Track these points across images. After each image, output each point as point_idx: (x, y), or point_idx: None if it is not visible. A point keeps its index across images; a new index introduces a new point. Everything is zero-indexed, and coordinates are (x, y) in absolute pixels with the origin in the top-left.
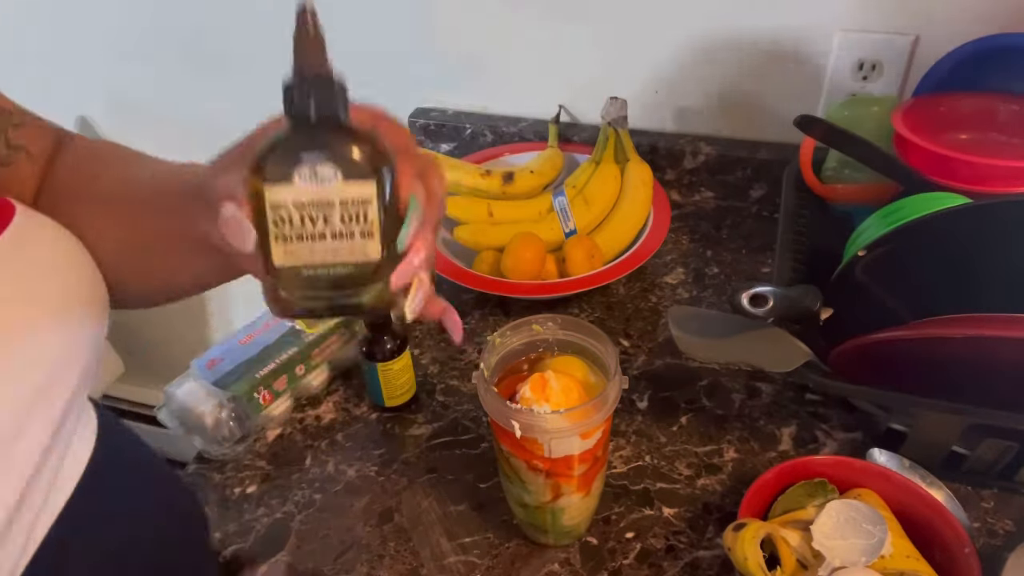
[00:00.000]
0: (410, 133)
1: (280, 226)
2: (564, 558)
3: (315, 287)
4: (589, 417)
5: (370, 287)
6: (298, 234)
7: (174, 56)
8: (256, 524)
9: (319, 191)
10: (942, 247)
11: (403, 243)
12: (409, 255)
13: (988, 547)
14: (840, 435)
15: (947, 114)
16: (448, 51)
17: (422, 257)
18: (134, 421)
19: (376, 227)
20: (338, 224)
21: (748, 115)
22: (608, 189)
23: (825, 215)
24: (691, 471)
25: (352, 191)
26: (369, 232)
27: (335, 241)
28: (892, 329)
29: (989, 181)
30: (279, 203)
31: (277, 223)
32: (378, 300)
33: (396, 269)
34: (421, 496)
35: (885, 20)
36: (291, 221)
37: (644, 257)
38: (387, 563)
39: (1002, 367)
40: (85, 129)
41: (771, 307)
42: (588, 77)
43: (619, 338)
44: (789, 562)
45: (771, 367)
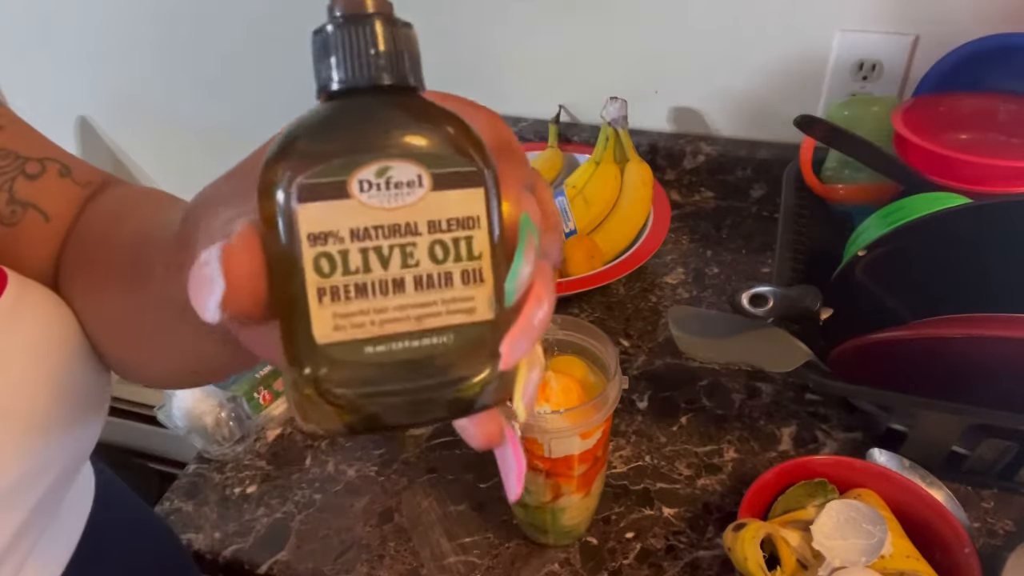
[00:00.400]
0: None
1: (325, 273)
2: (564, 558)
3: (385, 376)
4: (589, 417)
5: (476, 367)
6: (358, 284)
7: (176, 56)
8: (256, 524)
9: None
10: (942, 247)
11: (515, 290)
12: (526, 308)
13: (988, 547)
14: (840, 435)
15: (947, 114)
16: (448, 51)
17: (545, 312)
18: (134, 421)
19: (488, 265)
20: (427, 263)
21: (748, 115)
22: (608, 189)
23: (825, 215)
24: (691, 471)
25: (449, 205)
26: (475, 273)
27: (420, 292)
28: (892, 329)
29: (989, 181)
30: (326, 231)
31: (321, 267)
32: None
33: (510, 332)
34: (421, 496)
35: (885, 20)
36: (346, 263)
37: (644, 257)
38: (387, 563)
39: (1002, 367)
40: (85, 129)
41: (771, 307)
42: (588, 77)
43: (619, 338)
44: (789, 562)
45: (771, 367)
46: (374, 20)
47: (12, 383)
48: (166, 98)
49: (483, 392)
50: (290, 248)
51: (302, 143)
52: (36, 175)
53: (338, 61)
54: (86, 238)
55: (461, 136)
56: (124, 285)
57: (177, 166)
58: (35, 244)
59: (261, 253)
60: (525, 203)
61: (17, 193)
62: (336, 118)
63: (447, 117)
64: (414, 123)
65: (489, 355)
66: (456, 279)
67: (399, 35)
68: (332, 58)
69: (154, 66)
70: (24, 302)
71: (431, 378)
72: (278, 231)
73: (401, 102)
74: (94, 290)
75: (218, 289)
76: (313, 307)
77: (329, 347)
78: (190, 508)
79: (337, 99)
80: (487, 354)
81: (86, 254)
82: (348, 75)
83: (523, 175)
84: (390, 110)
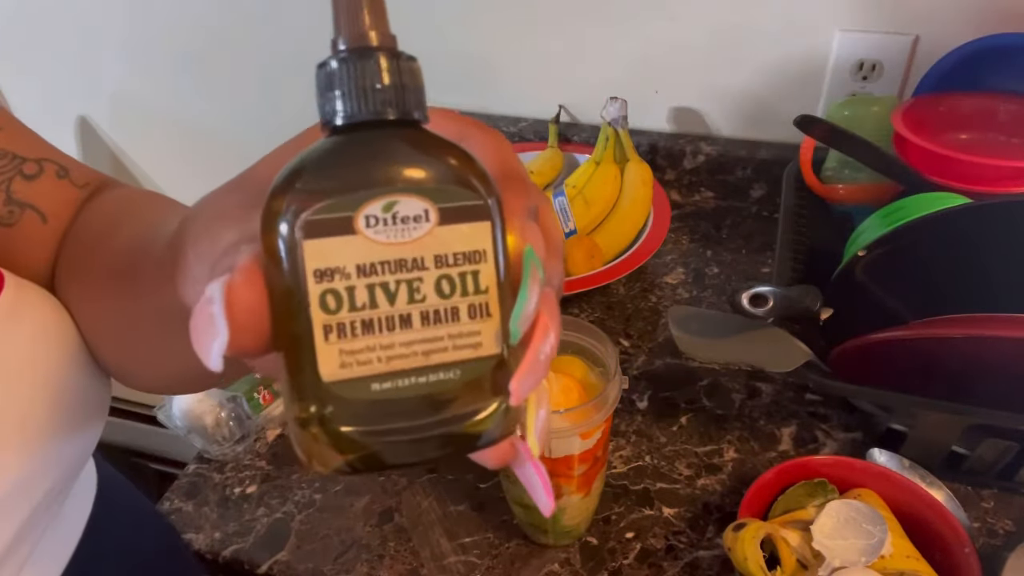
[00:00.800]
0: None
1: (332, 309)
2: (564, 558)
3: (393, 413)
4: (589, 417)
5: (483, 402)
6: (365, 320)
7: (175, 56)
8: (256, 524)
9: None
10: (942, 247)
11: (520, 324)
12: (533, 343)
13: (988, 547)
14: (840, 435)
15: (947, 114)
16: (448, 51)
17: (552, 344)
18: (134, 421)
19: (495, 299)
20: (433, 298)
21: (748, 115)
22: (608, 189)
23: (825, 215)
24: (691, 471)
25: (455, 239)
26: (482, 308)
27: (427, 327)
28: (892, 329)
29: (989, 181)
30: (332, 268)
31: (327, 304)
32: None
33: (519, 368)
34: (421, 496)
35: (885, 20)
36: (352, 300)
37: (644, 257)
38: (387, 563)
39: (1002, 367)
40: (85, 129)
41: (771, 307)
42: (588, 77)
43: (619, 338)
44: (789, 562)
45: (771, 367)
46: (378, 55)
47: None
48: (166, 98)
49: (490, 427)
50: (295, 284)
51: (307, 177)
52: (34, 176)
53: (343, 95)
54: (83, 241)
55: (466, 169)
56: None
57: (177, 166)
58: (32, 245)
59: (264, 289)
60: (529, 234)
61: (15, 194)
62: (342, 152)
63: (452, 150)
64: (420, 157)
65: (495, 390)
66: (463, 313)
67: (403, 68)
68: (337, 92)
69: (154, 66)
70: (22, 304)
71: (438, 414)
72: (282, 266)
73: (406, 136)
74: (90, 295)
75: (221, 335)
76: (319, 344)
77: (335, 385)
78: (190, 508)
79: (342, 133)
80: (494, 389)
81: (83, 258)
82: (353, 109)
83: (527, 203)
84: (395, 144)
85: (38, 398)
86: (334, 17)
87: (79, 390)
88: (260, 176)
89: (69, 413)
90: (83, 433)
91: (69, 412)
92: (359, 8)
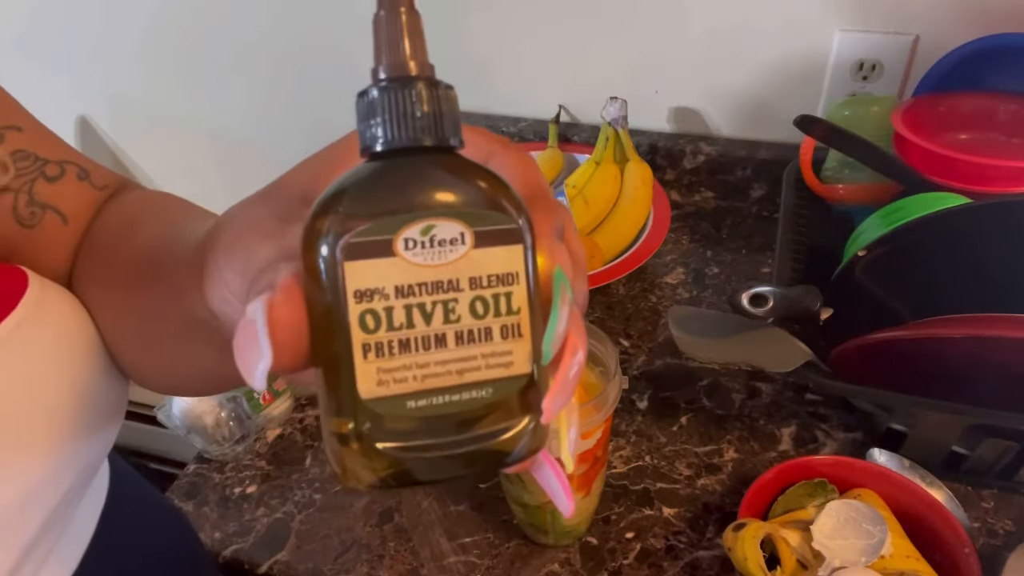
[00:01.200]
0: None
1: (370, 329)
2: (564, 558)
3: (428, 430)
4: (589, 417)
5: (514, 420)
6: (402, 340)
7: (175, 56)
8: (256, 524)
9: (438, 266)
10: (942, 247)
11: (552, 345)
12: (564, 363)
13: (988, 547)
14: (840, 435)
15: (947, 114)
16: (448, 51)
17: (580, 361)
18: (134, 421)
19: (526, 319)
20: (468, 318)
21: (748, 115)
22: (608, 189)
23: (825, 215)
24: (691, 471)
25: (489, 262)
26: (514, 328)
27: (461, 347)
28: (892, 329)
29: (989, 181)
30: (372, 288)
31: (367, 324)
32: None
33: (551, 387)
34: (421, 496)
35: (885, 20)
36: (390, 320)
37: (644, 257)
38: (387, 563)
39: (1002, 367)
40: (85, 129)
41: (771, 307)
42: (588, 77)
43: (619, 338)
44: (789, 562)
45: (771, 367)
46: (417, 83)
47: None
48: (166, 98)
49: (520, 444)
50: (335, 304)
51: (348, 201)
52: (56, 177)
53: (383, 122)
54: (102, 243)
55: (500, 193)
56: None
57: (177, 166)
58: (53, 246)
59: (304, 308)
60: (558, 255)
61: (37, 195)
62: (381, 177)
63: (486, 175)
64: (456, 182)
65: (525, 408)
66: (496, 334)
67: (441, 97)
68: (377, 119)
69: (154, 66)
70: (45, 303)
71: (470, 431)
72: (323, 285)
73: (443, 162)
74: (109, 296)
75: (266, 356)
76: (358, 362)
77: (373, 402)
78: (190, 508)
79: (381, 159)
80: (523, 407)
81: (102, 259)
82: (392, 136)
83: (555, 222)
84: (433, 170)
85: (62, 398)
86: (375, 47)
87: (99, 391)
88: (291, 187)
89: (90, 414)
90: (102, 433)
91: (90, 413)
92: (399, 39)
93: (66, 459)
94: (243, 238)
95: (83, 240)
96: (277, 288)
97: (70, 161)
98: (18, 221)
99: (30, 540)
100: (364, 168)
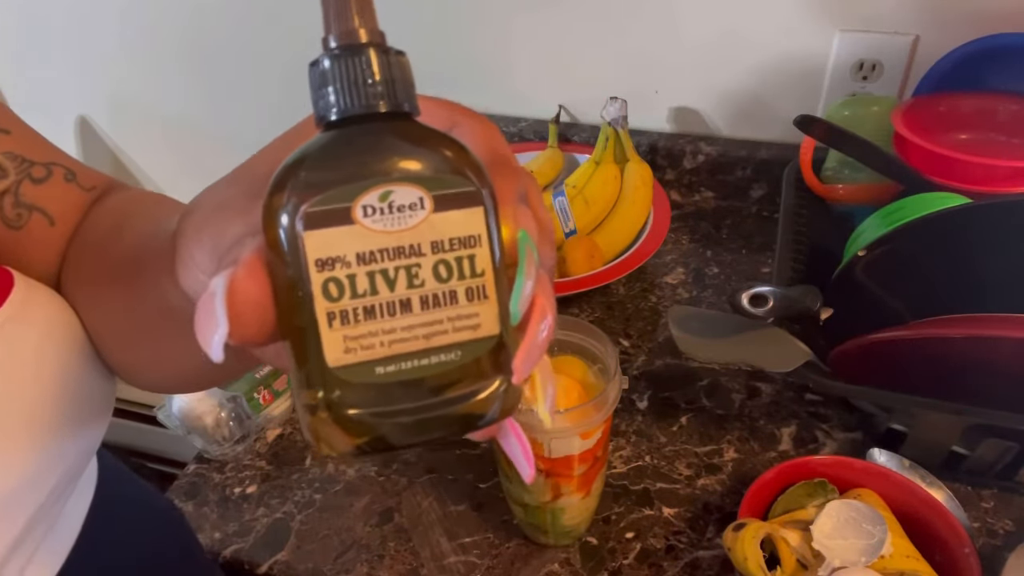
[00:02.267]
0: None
1: (334, 297)
2: (564, 558)
3: (398, 396)
4: (589, 417)
5: (484, 382)
6: (367, 307)
7: (175, 56)
8: (256, 524)
9: (399, 231)
10: (942, 247)
11: (519, 305)
12: (532, 324)
13: (988, 547)
14: (840, 435)
15: (947, 114)
16: (448, 52)
17: (549, 323)
18: (134, 421)
19: (490, 282)
20: (432, 282)
21: (748, 115)
22: (608, 189)
23: (825, 215)
24: (691, 471)
25: (450, 225)
26: (479, 290)
27: (427, 311)
28: (892, 329)
29: (989, 181)
30: (333, 257)
31: (330, 292)
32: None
33: (520, 348)
34: (421, 496)
35: (885, 20)
36: (354, 287)
37: (644, 257)
38: (387, 563)
39: (1002, 367)
40: (85, 129)
41: (771, 307)
42: (588, 77)
43: (619, 338)
44: (789, 562)
45: (771, 367)
46: (368, 50)
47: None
48: (166, 98)
49: (491, 406)
50: (298, 274)
51: (305, 172)
52: (42, 179)
53: (336, 91)
54: (89, 244)
55: (458, 157)
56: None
57: (177, 166)
58: (40, 247)
59: (267, 281)
60: (522, 218)
61: (23, 196)
62: (337, 146)
63: (443, 140)
64: (412, 148)
65: (497, 370)
66: (461, 296)
67: (393, 63)
68: (330, 88)
69: (154, 66)
70: (31, 304)
71: (441, 394)
72: (284, 258)
73: (398, 128)
74: (97, 297)
75: (222, 327)
76: (324, 331)
77: (341, 370)
78: (190, 508)
79: (336, 128)
80: (495, 369)
81: (89, 261)
82: (346, 104)
83: (518, 187)
84: (388, 136)
85: (47, 396)
86: (323, 15)
87: (85, 389)
88: (258, 168)
89: (76, 411)
90: (88, 432)
91: (76, 410)
92: (347, 6)
93: (51, 457)
94: (212, 217)
95: (71, 242)
96: (240, 263)
97: (57, 163)
98: (4, 222)
99: (15, 538)
100: (320, 138)
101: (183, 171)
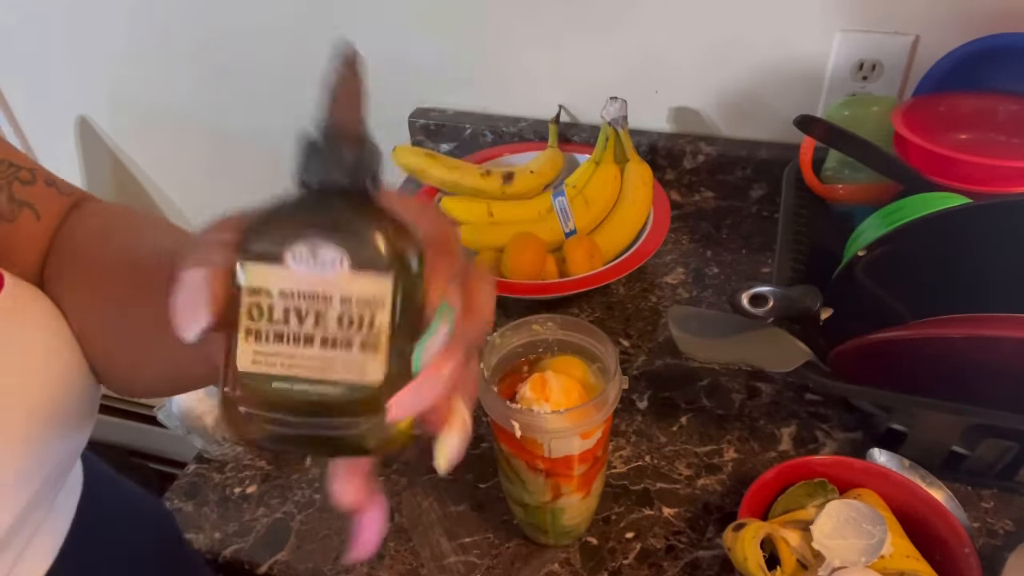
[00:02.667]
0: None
1: (255, 318)
2: (564, 558)
3: (286, 408)
4: (589, 417)
5: (361, 420)
6: (277, 332)
7: (175, 56)
8: (256, 524)
9: (315, 279)
10: (942, 247)
11: (420, 361)
12: (419, 378)
13: (988, 547)
14: (840, 435)
15: (947, 114)
16: (448, 52)
17: (442, 381)
18: (134, 421)
19: (383, 340)
20: (333, 327)
21: (748, 115)
22: (608, 189)
23: (825, 215)
24: (691, 471)
25: (359, 286)
26: (372, 344)
27: (325, 349)
28: (892, 329)
29: (989, 181)
30: (259, 287)
31: (252, 314)
32: (370, 439)
33: (400, 392)
34: (421, 496)
35: (885, 20)
36: (270, 314)
37: (644, 257)
38: (387, 563)
39: (1002, 367)
40: (85, 129)
41: (771, 307)
42: (588, 77)
43: (619, 338)
44: (789, 562)
45: (771, 367)
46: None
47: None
48: (166, 98)
49: (364, 440)
50: (237, 292)
51: (266, 218)
52: (29, 181)
53: (312, 163)
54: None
55: (387, 234)
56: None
57: (177, 166)
58: (27, 242)
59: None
60: (449, 294)
61: (15, 193)
62: (297, 204)
63: (383, 218)
64: (352, 217)
65: (373, 410)
66: (355, 345)
67: (364, 151)
68: (307, 160)
69: (154, 66)
70: (21, 301)
71: (321, 418)
72: (235, 278)
73: (351, 200)
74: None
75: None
76: (240, 341)
77: (245, 375)
78: (190, 508)
79: (301, 186)
80: (371, 410)
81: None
82: (315, 175)
83: (452, 271)
84: (339, 205)
85: (33, 397)
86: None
87: (71, 390)
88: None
89: (61, 413)
90: (74, 433)
91: (61, 412)
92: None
93: (36, 458)
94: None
95: (52, 244)
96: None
97: (38, 170)
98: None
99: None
100: (289, 195)
101: (183, 171)
